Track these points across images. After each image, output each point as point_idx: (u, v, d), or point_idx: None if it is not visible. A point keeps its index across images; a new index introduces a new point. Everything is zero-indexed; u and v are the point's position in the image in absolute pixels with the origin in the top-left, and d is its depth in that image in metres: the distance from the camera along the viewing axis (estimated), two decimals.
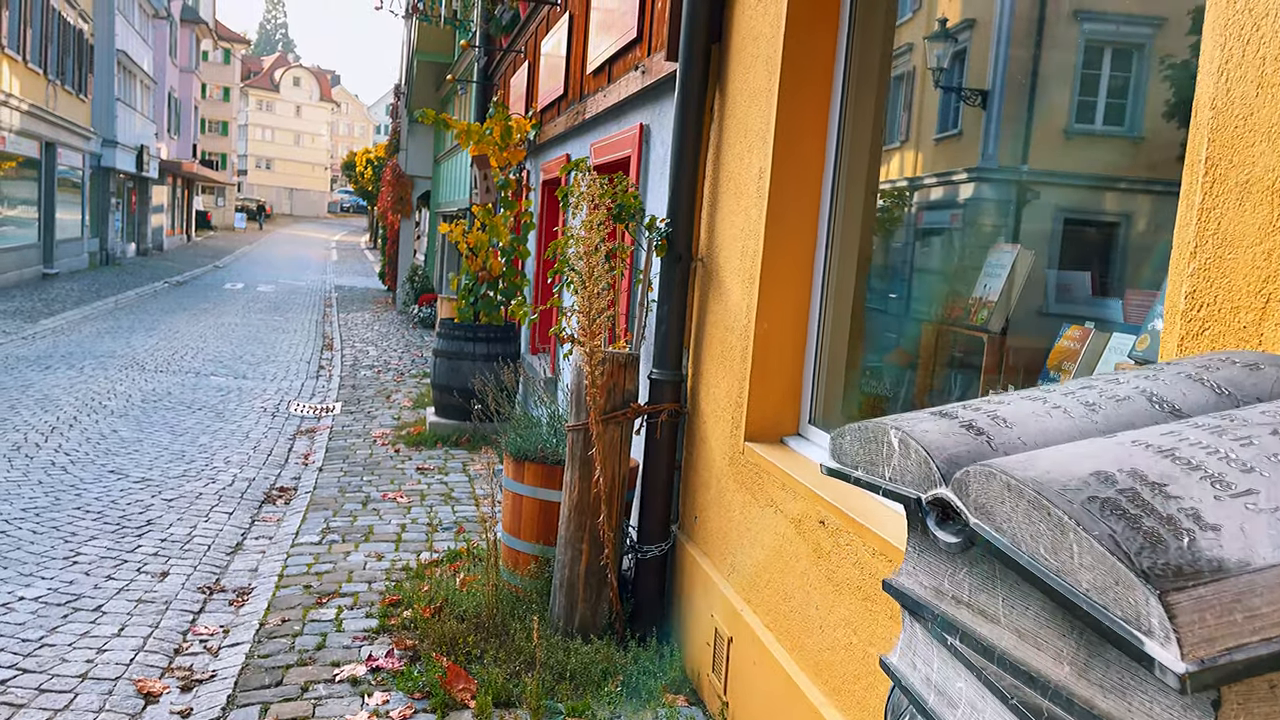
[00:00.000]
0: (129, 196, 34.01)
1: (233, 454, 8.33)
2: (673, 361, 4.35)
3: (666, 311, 4.32)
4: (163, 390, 11.04)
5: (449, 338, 9.01)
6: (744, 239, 3.81)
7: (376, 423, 9.80)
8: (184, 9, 42.52)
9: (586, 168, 4.56)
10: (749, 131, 3.83)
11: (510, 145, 8.88)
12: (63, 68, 24.73)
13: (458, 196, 17.10)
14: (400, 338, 17.50)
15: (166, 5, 37.72)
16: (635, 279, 5.33)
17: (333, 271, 35.20)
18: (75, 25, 25.85)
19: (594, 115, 6.40)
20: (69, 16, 25.19)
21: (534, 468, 4.70)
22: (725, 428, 3.92)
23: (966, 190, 3.55)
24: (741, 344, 3.77)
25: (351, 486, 7.28)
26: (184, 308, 20.53)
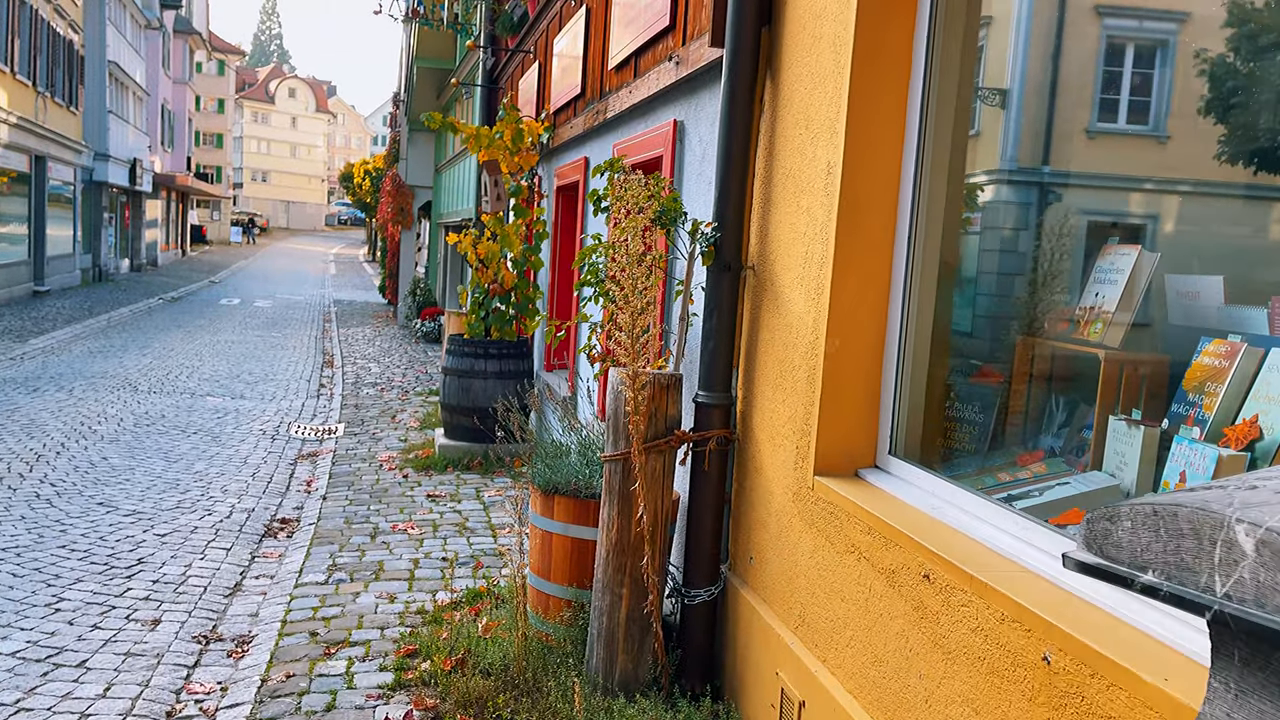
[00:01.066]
0: (122, 211, 33.70)
1: (230, 482, 7.92)
2: (720, 383, 3.94)
3: (713, 327, 3.91)
4: (156, 413, 10.64)
5: (459, 354, 8.61)
6: (807, 243, 3.41)
7: (382, 445, 9.40)
8: (177, 20, 42.29)
9: (624, 167, 4.15)
10: (811, 122, 3.43)
11: (522, 150, 8.49)
12: (52, 79, 24.43)
13: (461, 206, 16.73)
14: (403, 353, 17.11)
15: (159, 16, 37.50)
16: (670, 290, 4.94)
17: (331, 285, 34.85)
18: (65, 36, 25.57)
19: (617, 114, 6.00)
20: (58, 27, 24.91)
21: (565, 502, 4.28)
22: (787, 458, 3.51)
23: (1065, 184, 3.15)
24: (806, 363, 3.36)
25: (358, 517, 6.86)
26: (179, 325, 20.17)
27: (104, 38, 29.01)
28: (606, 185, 4.12)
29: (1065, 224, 3.12)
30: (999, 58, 3.27)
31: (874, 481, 3.16)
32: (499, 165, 8.53)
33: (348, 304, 27.73)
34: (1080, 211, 3.13)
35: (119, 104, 31.57)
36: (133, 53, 33.56)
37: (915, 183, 3.15)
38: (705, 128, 4.56)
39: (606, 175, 4.20)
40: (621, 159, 4.36)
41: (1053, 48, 3.10)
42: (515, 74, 11.17)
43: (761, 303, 3.81)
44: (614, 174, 4.12)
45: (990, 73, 3.30)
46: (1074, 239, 3.08)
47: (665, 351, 4.47)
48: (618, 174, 4.07)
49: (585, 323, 4.88)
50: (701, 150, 4.59)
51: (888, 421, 3.25)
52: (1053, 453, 3.04)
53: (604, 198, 4.16)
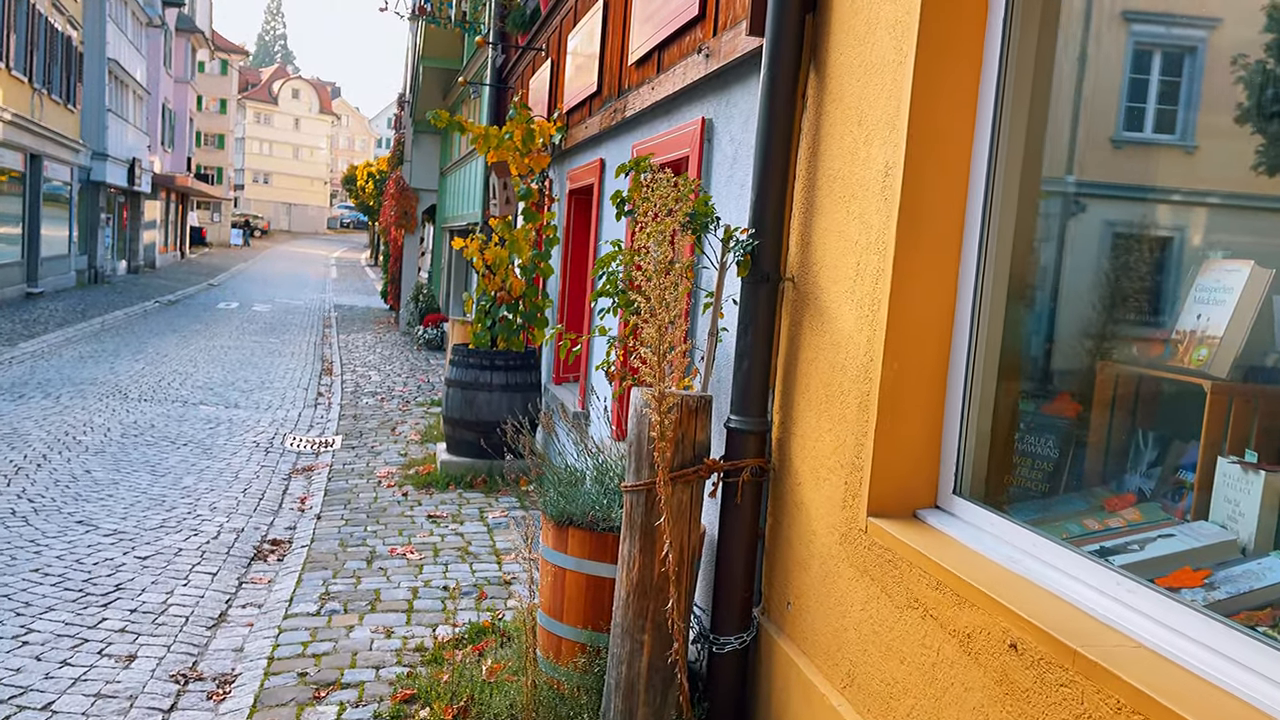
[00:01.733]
0: (120, 212, 33.50)
1: (220, 498, 7.59)
2: (756, 407, 3.61)
3: (748, 345, 3.58)
4: (145, 422, 10.33)
5: (463, 365, 8.28)
6: (859, 253, 3.07)
7: (381, 460, 9.07)
8: (179, 18, 42.16)
9: (651, 165, 3.83)
10: (865, 119, 3.10)
11: (532, 151, 8.18)
12: (49, 76, 24.21)
13: (466, 210, 16.43)
14: (404, 361, 16.80)
15: (161, 14, 37.35)
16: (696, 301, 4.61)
17: (332, 290, 34.60)
18: (63, 32, 25.37)
19: (637, 112, 5.69)
20: (56, 22, 24.71)
21: (580, 535, 3.95)
22: (833, 494, 3.17)
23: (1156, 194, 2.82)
24: (859, 388, 3.02)
25: (354, 539, 6.53)
26: (174, 329, 19.89)
27: (104, 35, 28.83)
28: (631, 186, 3.79)
29: (1156, 236, 2.79)
30: (1074, 53, 2.94)
31: (938, 525, 2.82)
32: (508, 167, 8.22)
33: (348, 309, 27.46)
34: (1175, 224, 2.80)
35: (118, 102, 31.38)
36: (133, 50, 33.39)
37: (987, 187, 2.82)
38: (738, 126, 4.24)
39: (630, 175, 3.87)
40: (647, 158, 4.04)
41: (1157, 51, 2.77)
42: (525, 73, 10.87)
43: (803, 319, 3.48)
44: (639, 174, 3.80)
45: (1068, 69, 2.97)
46: (1169, 253, 2.75)
47: (691, 370, 4.13)
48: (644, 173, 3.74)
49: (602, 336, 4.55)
50: (733, 150, 4.26)
51: (951, 457, 2.91)
52: (1144, 496, 2.70)
53: (628, 200, 3.83)
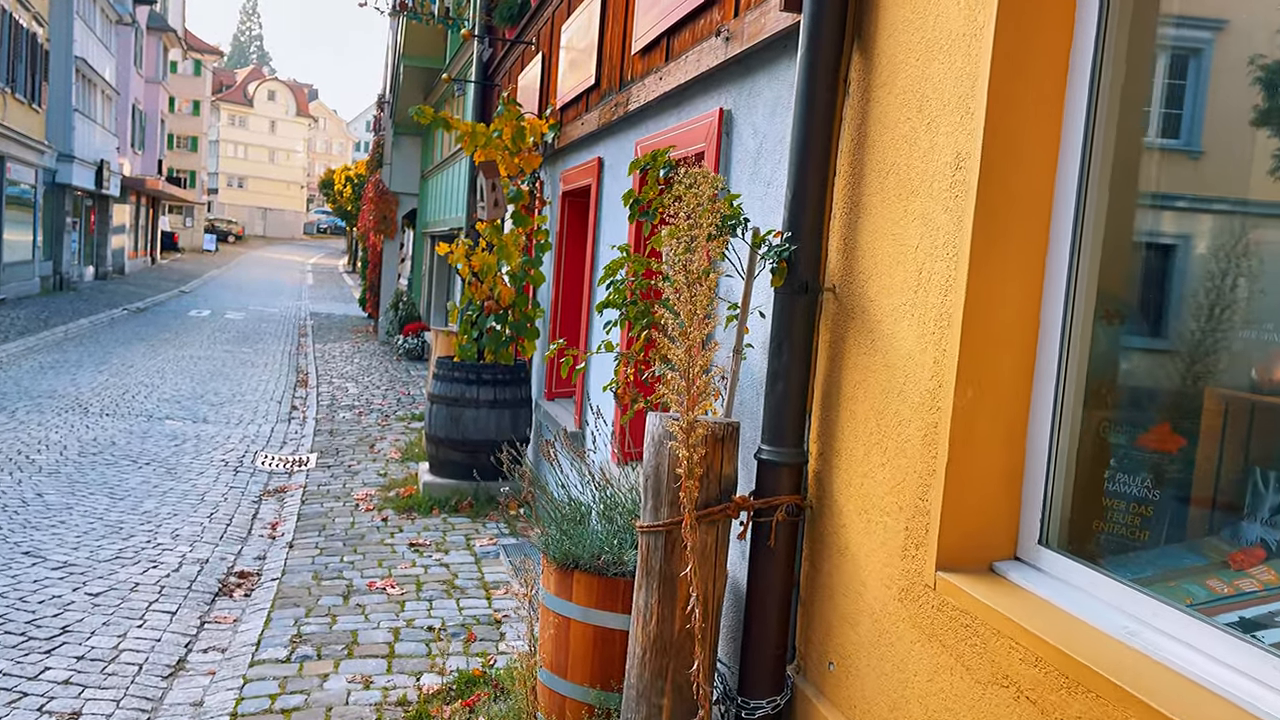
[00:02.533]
0: (87, 216, 32.84)
1: (183, 524, 7.13)
2: (791, 436, 3.20)
3: (784, 365, 3.17)
4: (106, 439, 9.84)
5: (448, 380, 7.85)
6: (922, 259, 2.68)
7: (359, 480, 8.62)
8: (150, 16, 41.57)
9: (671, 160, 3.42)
10: (928, 102, 2.71)
11: (523, 150, 7.77)
12: (13, 74, 23.65)
13: (449, 214, 16.01)
14: (384, 372, 16.34)
15: (131, 11, 36.78)
16: None
17: (308, 297, 34.07)
18: (28, 28, 24.80)
19: (642, 105, 5.29)
20: (21, 19, 24.15)
21: (587, 581, 3.53)
22: (890, 540, 2.77)
23: None
24: (923, 418, 2.63)
25: (329, 570, 6.09)
26: (142, 338, 19.35)
27: (71, 32, 28.25)
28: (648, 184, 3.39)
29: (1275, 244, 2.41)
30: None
31: (1023, 583, 2.42)
32: (497, 167, 7.80)
33: (325, 317, 26.95)
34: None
35: (86, 102, 30.77)
36: (102, 49, 32.81)
37: (1080, 177, 2.43)
38: (762, 116, 3.84)
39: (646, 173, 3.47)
40: (666, 151, 3.63)
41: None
42: (514, 69, 10.47)
43: (846, 335, 3.08)
44: (657, 170, 3.39)
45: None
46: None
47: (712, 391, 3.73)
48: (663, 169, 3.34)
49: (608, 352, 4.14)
50: (757, 144, 3.87)
51: (1036, 500, 2.51)
52: (1273, 551, 2.31)
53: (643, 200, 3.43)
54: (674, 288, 2.92)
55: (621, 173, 5.90)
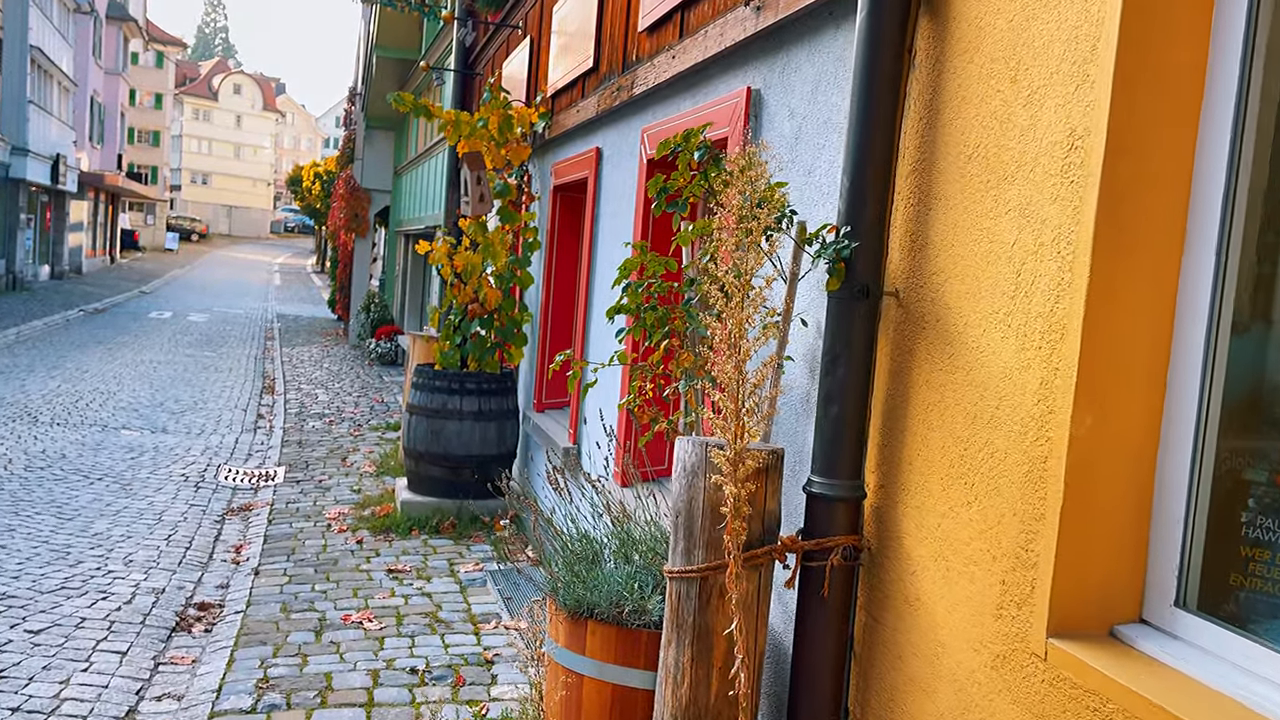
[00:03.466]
0: (42, 212, 32.08)
1: (138, 548, 6.64)
2: (847, 466, 2.79)
3: (840, 382, 2.77)
4: (56, 451, 9.31)
5: (428, 389, 7.41)
6: (1022, 258, 2.29)
7: (331, 497, 8.16)
8: (110, 5, 40.79)
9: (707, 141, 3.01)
10: (1025, 70, 2.31)
11: (510, 141, 7.34)
12: None
13: (425, 212, 15.54)
14: (355, 378, 15.84)
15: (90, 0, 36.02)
16: None
17: (275, 298, 33.43)
18: None
19: (650, 89, 4.88)
20: None
21: (603, 632, 3.11)
22: (979, 594, 2.37)
23: None
24: (1027, 449, 2.23)
25: (299, 601, 5.64)
26: (98, 341, 18.74)
27: (26, 20, 27.52)
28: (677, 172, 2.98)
29: None
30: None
31: (1160, 653, 2.02)
32: (482, 159, 7.37)
33: (293, 319, 26.37)
34: None
35: (41, 94, 30.03)
36: (59, 38, 32.06)
37: (1231, 159, 2.04)
38: (800, 96, 3.44)
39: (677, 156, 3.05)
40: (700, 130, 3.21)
41: None
42: (497, 56, 10.03)
43: (916, 347, 2.68)
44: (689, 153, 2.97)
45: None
46: None
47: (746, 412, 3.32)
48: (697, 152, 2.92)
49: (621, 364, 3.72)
50: (794, 127, 3.47)
51: (1171, 552, 2.12)
52: None
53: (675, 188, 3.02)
54: (723, 291, 2.50)
55: (624, 163, 5.49)
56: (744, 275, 2.50)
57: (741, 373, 2.53)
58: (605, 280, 5.79)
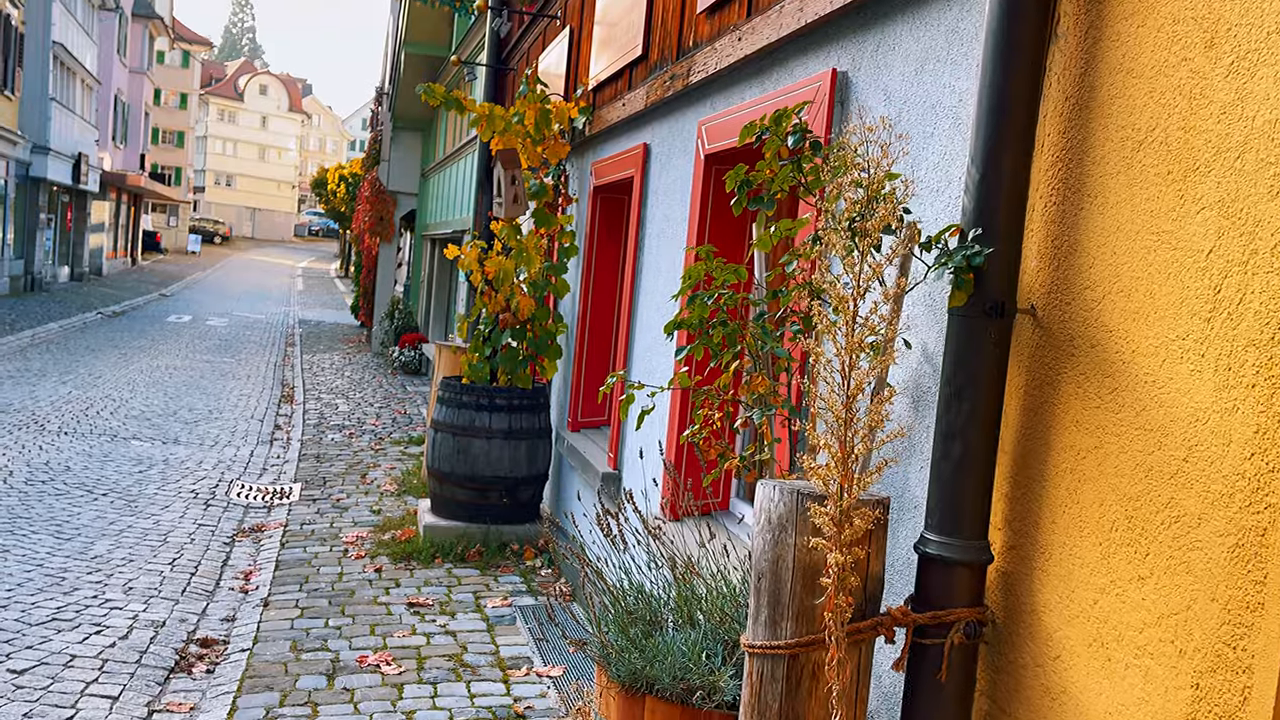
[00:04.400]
0: (63, 212, 32.09)
1: (139, 573, 6.26)
2: (972, 522, 2.34)
3: (962, 418, 2.31)
4: (60, 463, 8.98)
5: (456, 405, 7.00)
6: (1223, 270, 1.83)
7: (349, 518, 7.76)
8: (136, 2, 40.88)
9: (804, 124, 2.57)
10: (1224, 30, 1.86)
11: (548, 137, 6.94)
12: None
13: (452, 215, 15.20)
14: (377, 387, 15.49)
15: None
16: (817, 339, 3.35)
17: (297, 303, 33.28)
18: (2, 10, 24.08)
19: (710, 76, 4.45)
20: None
21: (665, 712, 2.66)
22: (1158, 697, 1.90)
23: None
24: (1230, 517, 1.77)
25: (311, 639, 5.23)
26: (114, 345, 18.52)
27: (49, 15, 27.53)
28: (768, 160, 2.53)
29: None
30: None
31: None
32: (518, 157, 6.96)
33: (314, 325, 26.14)
34: None
35: (64, 91, 30.06)
36: (83, 35, 32.11)
37: None
38: (899, 77, 2.99)
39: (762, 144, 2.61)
40: (796, 110, 2.76)
41: None
42: (532, 50, 9.65)
43: (1061, 378, 2.22)
44: (778, 137, 2.53)
45: None
46: None
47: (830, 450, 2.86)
48: (791, 137, 2.48)
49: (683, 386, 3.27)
50: (892, 114, 3.02)
51: None
52: None
53: (758, 181, 2.58)
54: (834, 308, 2.06)
55: (676, 161, 5.06)
56: (859, 287, 2.05)
57: (851, 410, 2.08)
58: (652, 290, 5.36)
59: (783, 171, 2.51)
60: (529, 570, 6.59)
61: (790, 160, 2.49)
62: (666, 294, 5.03)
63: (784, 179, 2.52)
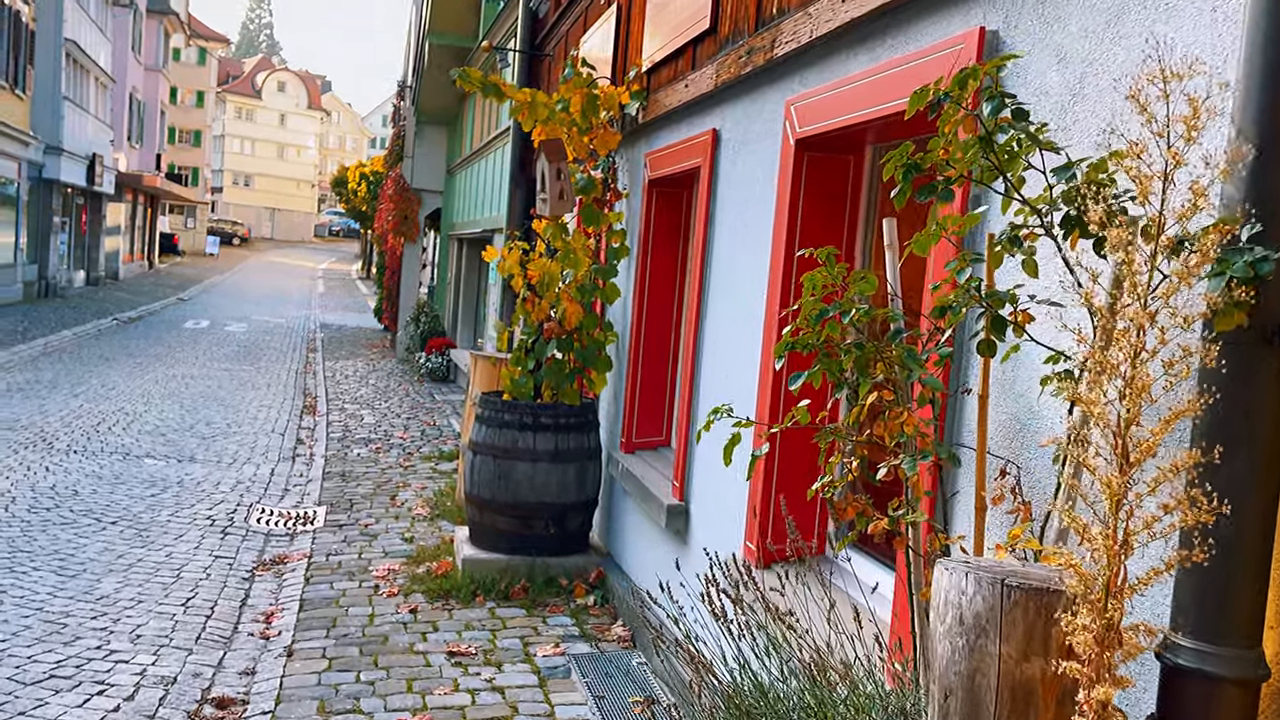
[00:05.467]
0: (78, 215, 31.92)
1: (149, 616, 5.77)
2: (1241, 625, 1.77)
3: (1232, 481, 1.74)
4: (68, 487, 8.53)
5: (495, 424, 6.47)
6: None
7: (378, 547, 7.26)
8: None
9: (997, 88, 2.00)
10: None
11: (595, 127, 6.40)
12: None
13: (482, 213, 14.70)
14: (404, 396, 15.02)
15: None
16: (962, 365, 2.80)
17: (318, 306, 32.99)
18: (11, 6, 23.84)
19: (801, 47, 3.88)
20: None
21: None
22: None
23: None
24: None
25: (341, 697, 4.72)
26: (129, 353, 18.18)
27: (61, 11, 27.29)
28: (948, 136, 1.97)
29: None
30: None
31: None
32: (563, 148, 6.42)
33: (337, 329, 25.78)
34: None
35: (77, 90, 29.85)
36: (96, 31, 31.92)
37: None
38: (1078, 32, 2.42)
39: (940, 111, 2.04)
40: (996, 67, 2.18)
41: None
42: (571, 33, 9.11)
43: None
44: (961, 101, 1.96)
45: None
46: None
47: (1017, 508, 2.29)
48: (991, 101, 1.91)
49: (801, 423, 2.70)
50: (1069, 80, 2.44)
51: None
52: None
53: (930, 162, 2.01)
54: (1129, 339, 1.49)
55: (755, 147, 4.50)
56: (1145, 309, 1.48)
57: (1124, 475, 1.51)
58: (725, 297, 4.80)
59: (970, 150, 1.95)
60: (580, 610, 6.05)
61: (986, 137, 1.92)
62: (745, 302, 4.47)
63: (972, 159, 1.96)
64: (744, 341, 4.47)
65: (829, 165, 3.99)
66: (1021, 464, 2.49)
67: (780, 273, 3.98)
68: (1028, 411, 2.52)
